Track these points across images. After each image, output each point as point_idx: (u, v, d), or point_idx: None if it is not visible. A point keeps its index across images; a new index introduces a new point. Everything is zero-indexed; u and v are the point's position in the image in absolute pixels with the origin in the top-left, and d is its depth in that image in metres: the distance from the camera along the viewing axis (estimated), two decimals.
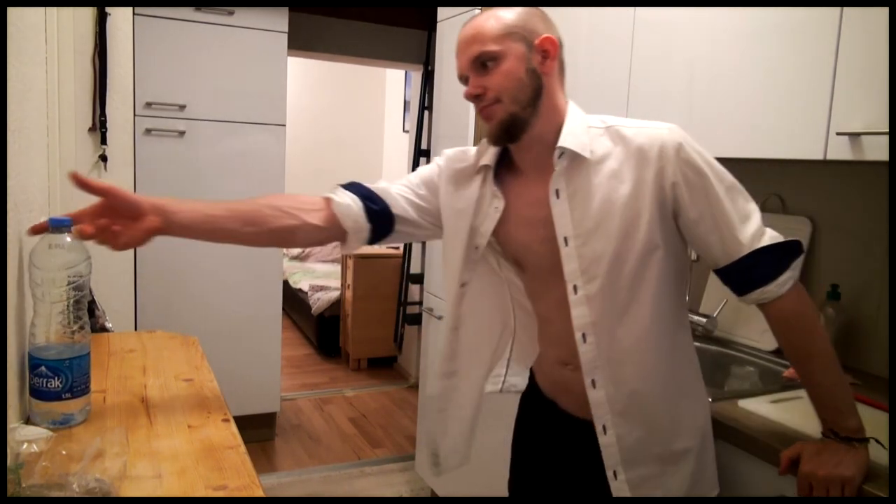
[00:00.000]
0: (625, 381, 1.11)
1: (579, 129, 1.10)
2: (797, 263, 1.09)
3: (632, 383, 1.11)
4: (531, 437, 1.35)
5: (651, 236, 1.07)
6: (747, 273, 1.07)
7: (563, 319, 1.14)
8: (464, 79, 1.12)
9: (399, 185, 1.26)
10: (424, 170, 1.29)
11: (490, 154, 1.19)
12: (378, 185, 1.25)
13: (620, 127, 1.10)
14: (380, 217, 1.22)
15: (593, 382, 1.12)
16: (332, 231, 1.21)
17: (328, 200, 1.21)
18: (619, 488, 1.14)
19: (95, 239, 1.07)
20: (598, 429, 1.13)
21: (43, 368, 1.04)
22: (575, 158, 1.09)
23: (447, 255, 1.26)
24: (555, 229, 1.11)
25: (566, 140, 1.09)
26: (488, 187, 1.19)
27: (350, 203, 1.20)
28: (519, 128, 1.09)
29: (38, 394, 1.05)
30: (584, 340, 1.11)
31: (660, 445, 1.14)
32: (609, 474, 1.14)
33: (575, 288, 1.10)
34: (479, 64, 1.08)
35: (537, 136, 1.11)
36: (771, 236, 1.07)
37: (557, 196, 1.10)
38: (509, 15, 1.09)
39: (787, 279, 1.07)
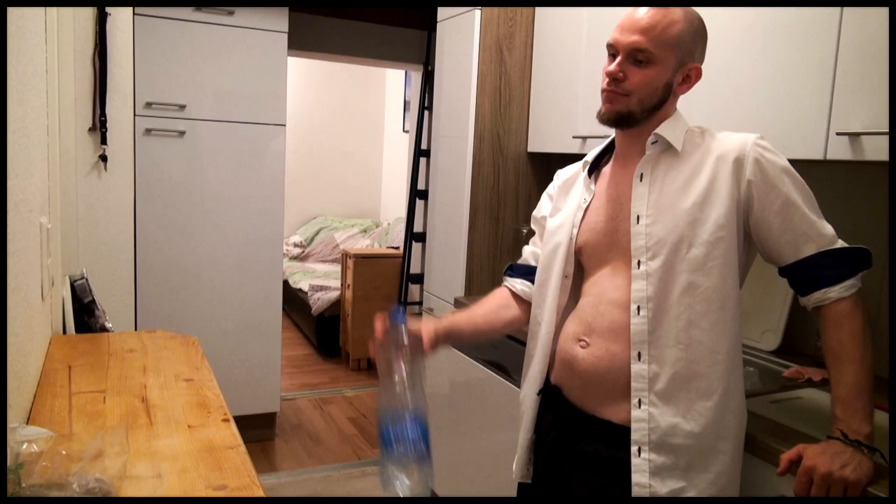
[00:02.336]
0: (669, 363, 1.14)
1: (678, 127, 1.20)
2: (863, 273, 1.13)
3: (675, 366, 1.13)
4: (539, 426, 1.34)
5: (718, 227, 1.12)
6: (816, 272, 1.13)
7: (598, 293, 1.22)
8: (612, 49, 1.18)
9: (537, 241, 1.44)
10: (540, 210, 1.43)
11: (593, 152, 1.33)
12: (531, 259, 1.43)
13: (715, 131, 1.20)
14: None
15: (639, 355, 1.15)
16: (526, 309, 1.40)
17: (508, 290, 1.45)
18: (639, 466, 1.14)
19: None
20: (634, 402, 1.15)
21: None
22: (665, 149, 1.19)
23: (552, 249, 1.32)
24: (624, 209, 1.20)
25: (663, 130, 1.18)
26: (585, 182, 1.31)
27: (523, 288, 1.42)
28: (628, 123, 1.20)
29: None
30: (638, 313, 1.15)
31: (694, 439, 1.13)
32: (633, 450, 1.14)
33: (638, 263, 1.17)
34: (634, 55, 1.15)
35: (639, 131, 1.21)
36: (842, 243, 1.14)
37: (641, 179, 1.19)
38: (685, 28, 1.15)
39: (852, 285, 1.12)
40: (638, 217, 1.17)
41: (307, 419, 3.54)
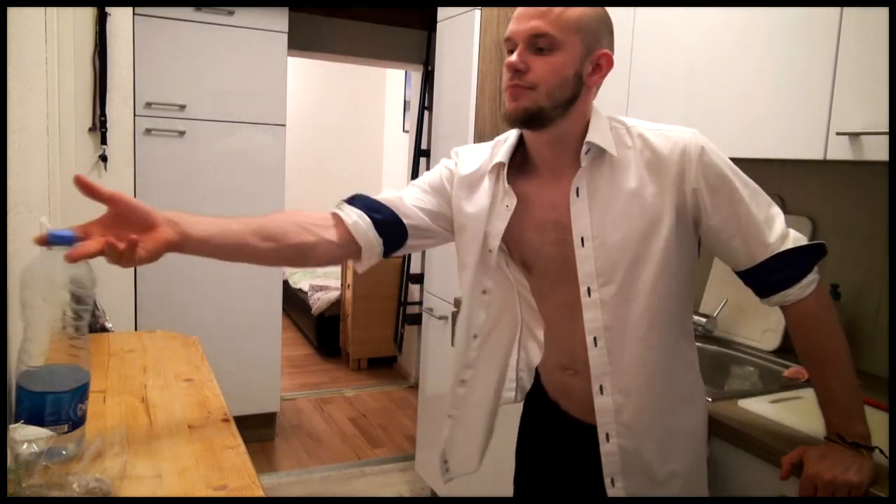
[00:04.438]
0: (633, 391, 1.09)
1: (604, 127, 1.08)
2: (820, 265, 1.08)
3: (640, 393, 1.10)
4: (534, 437, 1.34)
5: (669, 242, 1.05)
6: (771, 276, 1.07)
7: (566, 323, 1.13)
8: (510, 43, 1.05)
9: (410, 193, 1.21)
10: (434, 173, 1.24)
11: (504, 151, 1.15)
12: (386, 196, 1.19)
13: (643, 129, 1.08)
14: (389, 228, 1.16)
15: (601, 389, 1.10)
16: (347, 248, 1.16)
17: (337, 217, 1.16)
18: (616, 494, 1.14)
19: (104, 255, 0.91)
20: (601, 436, 1.11)
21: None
22: (598, 157, 1.07)
23: (463, 260, 1.21)
24: (568, 231, 1.08)
25: (594, 136, 1.06)
26: (501, 186, 1.15)
27: (357, 220, 1.14)
28: (540, 122, 1.05)
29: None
30: (595, 345, 1.09)
31: (656, 460, 1.12)
32: (607, 481, 1.13)
33: (589, 291, 1.08)
34: (534, 42, 1.02)
35: (560, 136, 1.08)
36: (795, 238, 1.07)
37: (577, 194, 1.07)
38: (587, 12, 1.03)
39: (810, 282, 1.06)
40: (582, 239, 1.07)
41: (307, 419, 3.54)
